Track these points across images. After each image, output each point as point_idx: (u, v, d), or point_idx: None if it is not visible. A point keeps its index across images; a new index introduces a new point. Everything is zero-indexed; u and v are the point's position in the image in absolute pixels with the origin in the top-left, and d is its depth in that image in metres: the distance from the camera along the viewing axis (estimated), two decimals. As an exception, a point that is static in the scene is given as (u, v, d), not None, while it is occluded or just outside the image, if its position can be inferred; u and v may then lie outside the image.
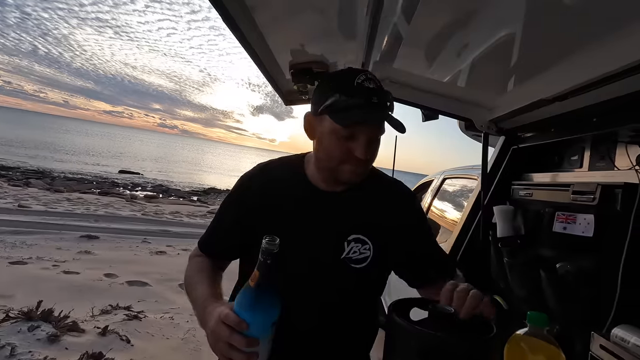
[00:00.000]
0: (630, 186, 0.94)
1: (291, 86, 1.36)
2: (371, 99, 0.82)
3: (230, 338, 0.68)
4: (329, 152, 0.88)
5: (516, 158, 1.63)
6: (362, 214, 0.96)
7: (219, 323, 0.70)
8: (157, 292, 4.38)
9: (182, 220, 9.82)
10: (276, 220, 0.94)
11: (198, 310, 0.84)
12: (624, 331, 0.77)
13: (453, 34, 1.04)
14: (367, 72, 0.86)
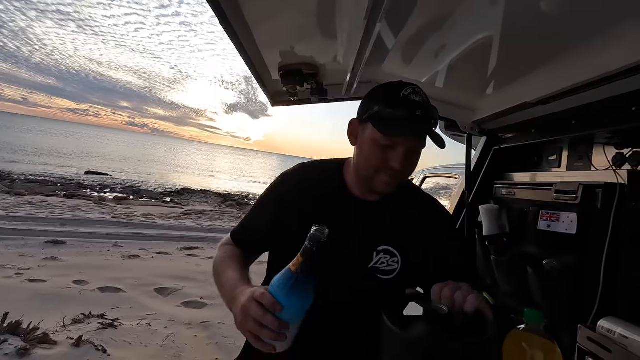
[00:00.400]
0: (610, 186, 1.00)
1: (280, 87, 1.34)
2: (415, 112, 0.84)
3: (262, 317, 0.69)
4: (368, 159, 0.90)
5: (498, 158, 1.69)
6: (394, 227, 0.95)
7: (251, 301, 0.71)
8: (131, 298, 4.22)
9: (155, 222, 9.51)
10: (309, 221, 0.94)
11: (227, 291, 0.86)
12: (610, 323, 0.81)
13: (442, 39, 1.07)
14: (415, 86, 0.87)
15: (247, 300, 0.72)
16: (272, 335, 0.70)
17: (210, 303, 4.34)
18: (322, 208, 0.97)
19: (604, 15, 0.79)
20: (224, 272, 0.94)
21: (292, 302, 0.70)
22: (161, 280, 4.98)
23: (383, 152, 0.87)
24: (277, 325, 0.69)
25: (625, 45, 0.81)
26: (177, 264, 6.02)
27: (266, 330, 0.69)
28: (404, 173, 0.90)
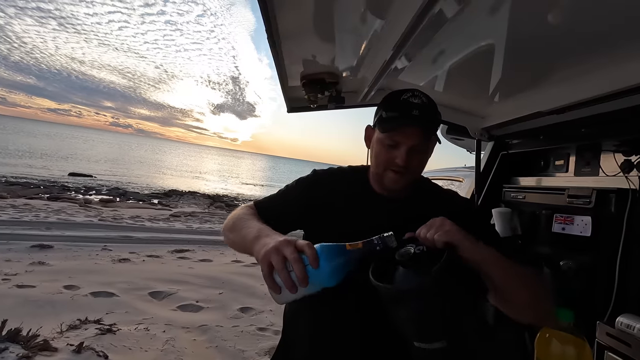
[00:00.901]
0: (622, 191, 1.07)
1: (299, 94, 1.37)
2: (411, 111, 0.92)
3: (294, 259, 0.70)
4: (376, 158, 1.00)
5: (505, 163, 1.76)
6: (415, 219, 0.97)
7: (291, 243, 0.72)
8: (126, 303, 4.15)
9: (144, 224, 9.35)
10: (339, 216, 1.03)
11: (252, 234, 0.86)
12: (628, 319, 0.87)
13: (460, 52, 1.14)
14: (415, 90, 0.97)
15: (286, 241, 0.73)
16: (288, 280, 0.69)
17: (207, 306, 4.31)
18: (351, 205, 1.04)
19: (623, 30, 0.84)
20: (247, 222, 0.96)
21: (325, 271, 0.72)
22: (154, 283, 4.91)
23: (388, 151, 0.96)
24: (302, 274, 0.69)
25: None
26: (169, 267, 5.94)
27: (285, 272, 0.70)
28: (409, 170, 0.96)
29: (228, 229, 1.04)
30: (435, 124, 0.99)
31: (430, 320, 0.73)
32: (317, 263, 0.70)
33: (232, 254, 7.15)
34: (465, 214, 1.02)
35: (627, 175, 1.10)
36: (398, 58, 1.07)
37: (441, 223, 0.83)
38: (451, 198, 1.10)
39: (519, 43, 1.02)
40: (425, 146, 0.98)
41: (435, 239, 0.80)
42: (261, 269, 0.73)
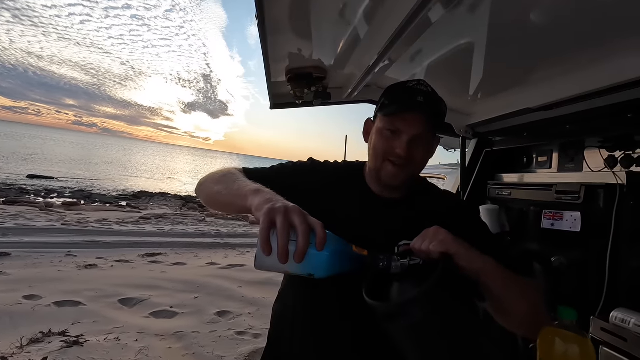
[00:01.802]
0: (610, 186, 1.09)
1: (285, 89, 1.31)
2: (416, 98, 0.87)
3: (304, 230, 0.63)
4: (375, 148, 0.94)
5: (489, 159, 1.77)
6: (416, 222, 0.94)
7: (303, 213, 0.66)
8: (94, 312, 3.92)
9: (111, 228, 8.91)
10: (328, 212, 0.93)
11: (250, 187, 0.78)
12: (623, 313, 0.88)
13: (447, 50, 1.12)
14: (422, 81, 0.92)
15: (299, 209, 0.66)
16: (285, 248, 0.62)
17: (182, 312, 4.15)
18: (345, 202, 0.98)
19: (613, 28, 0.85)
20: (244, 177, 0.88)
21: (323, 259, 0.67)
22: (124, 290, 4.67)
23: (388, 141, 0.91)
24: (304, 249, 0.62)
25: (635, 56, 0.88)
26: (140, 272, 5.68)
27: (286, 238, 0.62)
28: (410, 162, 0.91)
29: (212, 180, 0.94)
30: (440, 116, 0.93)
31: (431, 335, 0.69)
32: (323, 246, 0.65)
33: (207, 256, 6.96)
34: (463, 216, 1.00)
35: (614, 170, 1.12)
36: (386, 55, 1.03)
37: (435, 232, 0.79)
38: (449, 199, 1.07)
39: (505, 41, 1.02)
40: (427, 138, 0.92)
41: (431, 249, 0.76)
42: (261, 222, 0.64)
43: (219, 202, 0.93)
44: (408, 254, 0.81)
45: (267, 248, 0.63)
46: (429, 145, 0.95)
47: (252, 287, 5.13)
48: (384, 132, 0.92)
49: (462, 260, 0.76)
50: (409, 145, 0.89)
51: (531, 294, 0.83)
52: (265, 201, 0.69)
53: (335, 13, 0.94)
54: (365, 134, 1.03)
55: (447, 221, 0.94)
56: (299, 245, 0.62)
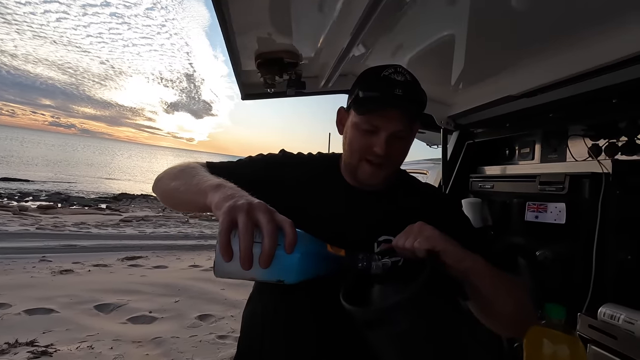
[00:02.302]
0: (596, 175, 1.04)
1: (255, 78, 1.22)
2: (394, 90, 0.78)
3: (271, 230, 0.54)
4: (351, 145, 0.86)
5: (470, 152, 1.73)
6: (395, 216, 0.88)
7: (270, 211, 0.57)
8: (67, 319, 3.74)
9: (89, 231, 8.63)
10: (303, 208, 0.86)
11: (211, 182, 0.69)
12: (612, 309, 0.83)
13: (424, 33, 1.06)
14: (399, 66, 0.83)
15: (265, 206, 0.58)
16: (248, 252, 0.53)
17: (161, 316, 4.00)
18: (320, 197, 0.91)
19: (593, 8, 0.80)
20: (206, 171, 0.80)
21: (294, 262, 0.59)
22: (101, 295, 4.49)
23: (365, 138, 0.83)
24: (270, 252, 0.53)
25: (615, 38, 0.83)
26: (119, 276, 5.48)
27: (249, 240, 0.53)
28: (389, 160, 0.85)
29: (170, 176, 0.85)
30: (421, 105, 0.85)
31: (416, 342, 0.62)
32: (292, 248, 0.56)
33: (189, 258, 6.80)
34: (446, 211, 0.94)
35: (598, 159, 1.08)
36: (359, 39, 0.97)
37: (420, 229, 0.72)
38: (432, 192, 1.01)
39: (485, 27, 0.97)
40: (408, 132, 0.85)
41: (415, 247, 0.69)
42: (220, 222, 0.55)
43: (176, 199, 0.83)
44: (389, 252, 0.74)
45: (227, 252, 0.53)
46: (409, 137, 0.88)
47: (236, 289, 5.01)
48: (360, 128, 0.84)
49: (449, 259, 0.70)
50: (388, 142, 0.82)
51: (518, 293, 0.78)
52: (226, 198, 0.60)
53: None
54: (338, 123, 0.95)
55: (429, 215, 0.88)
56: (264, 248, 0.54)
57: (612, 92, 0.97)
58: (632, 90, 0.93)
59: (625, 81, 0.93)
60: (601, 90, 0.99)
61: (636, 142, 1.06)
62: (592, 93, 1.01)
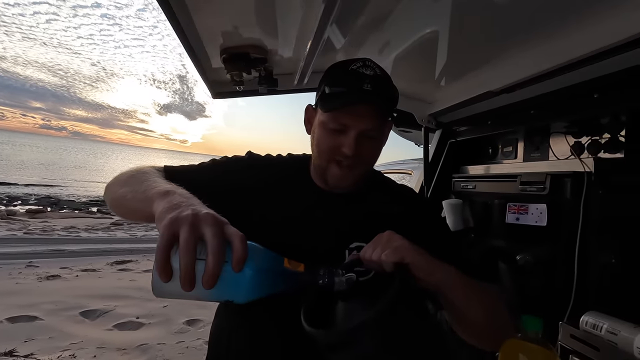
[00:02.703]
0: (578, 174, 1.00)
1: (222, 76, 1.16)
2: (362, 85, 0.73)
3: (216, 247, 0.47)
4: (319, 145, 0.81)
5: (453, 151, 1.68)
6: (368, 221, 0.83)
7: (218, 223, 0.51)
8: (50, 326, 3.65)
9: (79, 236, 8.51)
10: (269, 214, 0.83)
11: (159, 188, 0.63)
12: (594, 318, 0.78)
13: (398, 27, 1.01)
14: (367, 60, 0.78)
15: (214, 217, 0.51)
16: (190, 272, 0.47)
17: (148, 322, 3.92)
18: (288, 201, 0.86)
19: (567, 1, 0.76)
20: (159, 177, 0.74)
21: (245, 281, 0.52)
22: (88, 301, 4.40)
23: (333, 137, 0.78)
24: (214, 272, 0.47)
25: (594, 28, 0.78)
26: (107, 281, 5.39)
27: (191, 258, 0.47)
28: (359, 161, 0.80)
29: (120, 181, 0.78)
30: (392, 101, 0.80)
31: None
32: (241, 266, 0.50)
33: (180, 261, 6.72)
34: (422, 214, 0.89)
35: (581, 157, 1.03)
36: (325, 34, 0.90)
37: (388, 239, 0.66)
38: (407, 195, 0.95)
39: (463, 21, 0.93)
40: (379, 130, 0.80)
41: (383, 259, 0.63)
42: (159, 236, 0.49)
43: (123, 208, 0.76)
44: (357, 264, 0.68)
45: (164, 271, 0.47)
46: (381, 136, 0.83)
47: (226, 292, 4.94)
48: (327, 127, 0.78)
49: (419, 271, 0.64)
50: (358, 141, 0.77)
51: (493, 303, 0.73)
52: (170, 207, 0.53)
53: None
54: (306, 122, 0.89)
55: (404, 219, 0.84)
56: (207, 266, 0.47)
57: (592, 86, 0.92)
58: (613, 84, 0.88)
59: (606, 74, 0.88)
60: (581, 85, 0.94)
61: (619, 139, 1.01)
62: (573, 88, 0.96)
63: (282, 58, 1.18)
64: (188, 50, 0.98)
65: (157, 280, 0.49)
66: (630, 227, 0.89)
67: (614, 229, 0.91)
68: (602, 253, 0.89)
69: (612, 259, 0.87)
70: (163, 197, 0.59)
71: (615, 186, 0.91)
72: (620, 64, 0.83)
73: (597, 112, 0.96)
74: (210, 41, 1.05)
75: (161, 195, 0.59)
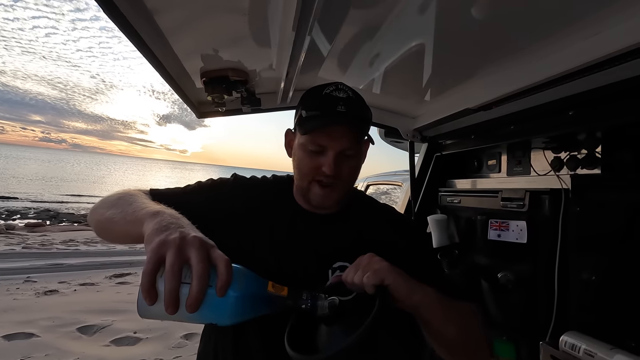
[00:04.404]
0: (555, 191, 1.00)
1: (204, 96, 1.17)
2: (335, 107, 0.77)
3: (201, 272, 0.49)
4: (299, 167, 0.84)
5: (439, 165, 1.68)
6: (351, 241, 0.86)
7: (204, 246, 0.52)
8: (47, 343, 3.62)
9: (78, 249, 8.48)
10: (254, 237, 0.85)
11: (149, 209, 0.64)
12: (573, 338, 0.78)
13: (379, 45, 1.02)
14: (340, 84, 0.82)
15: (201, 241, 0.53)
16: (173, 296, 0.48)
17: (146, 337, 3.90)
18: (271, 224, 0.87)
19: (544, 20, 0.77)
20: (147, 198, 0.75)
21: (228, 305, 0.53)
22: (86, 316, 4.37)
23: (313, 159, 0.81)
24: (198, 297, 0.48)
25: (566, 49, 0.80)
26: (106, 295, 5.36)
27: (176, 282, 0.48)
28: (340, 181, 0.82)
29: (106, 204, 0.78)
30: (365, 122, 0.83)
31: None
32: (225, 290, 0.51)
33: (179, 273, 6.68)
34: (404, 235, 0.90)
35: (559, 174, 1.04)
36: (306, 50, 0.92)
37: (368, 261, 0.68)
38: (388, 214, 0.97)
39: (443, 40, 0.94)
40: (356, 149, 0.83)
41: (364, 282, 0.64)
42: (146, 259, 0.50)
43: (110, 230, 0.77)
44: (339, 286, 0.69)
45: (150, 295, 0.48)
46: (358, 155, 0.85)
47: (224, 304, 4.91)
48: (306, 149, 0.82)
49: (398, 293, 0.65)
50: (337, 161, 0.79)
51: (470, 323, 0.74)
52: (159, 229, 0.55)
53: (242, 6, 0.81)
54: (287, 146, 0.92)
55: (387, 240, 0.87)
56: (192, 291, 0.48)
57: (568, 103, 0.93)
58: (589, 100, 0.89)
59: (582, 92, 0.89)
60: (558, 102, 0.95)
61: (596, 155, 1.02)
62: (549, 105, 0.97)
63: (263, 78, 1.19)
64: (164, 75, 0.98)
65: (142, 302, 0.50)
66: (607, 244, 0.89)
67: (593, 246, 0.90)
68: (581, 271, 0.89)
69: (593, 276, 0.86)
70: (152, 217, 0.59)
71: (592, 203, 0.91)
72: (593, 82, 0.85)
73: (574, 128, 0.97)
74: (190, 63, 1.06)
75: (151, 216, 0.60)
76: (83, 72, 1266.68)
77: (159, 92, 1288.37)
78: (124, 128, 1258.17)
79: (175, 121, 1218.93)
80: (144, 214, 0.62)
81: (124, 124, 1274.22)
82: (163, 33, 0.87)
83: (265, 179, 0.99)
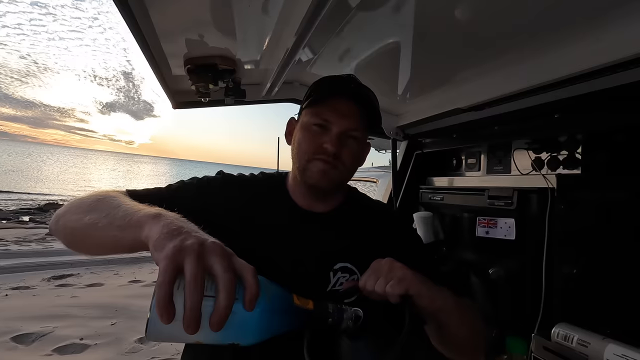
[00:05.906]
0: (542, 190, 1.05)
1: (185, 85, 1.07)
2: (348, 85, 0.81)
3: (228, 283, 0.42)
4: (300, 147, 0.82)
5: (419, 162, 1.71)
6: (350, 240, 0.83)
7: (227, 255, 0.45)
8: (-24, 357, 3.22)
9: (8, 249, 7.64)
10: (248, 237, 0.78)
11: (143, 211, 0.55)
12: (565, 329, 0.82)
13: (369, 43, 1.02)
14: (353, 75, 0.84)
15: (222, 248, 0.46)
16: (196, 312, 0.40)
17: (95, 343, 3.60)
18: (266, 222, 0.82)
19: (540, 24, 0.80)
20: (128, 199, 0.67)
21: (254, 321, 0.47)
22: (21, 324, 3.95)
23: (316, 136, 0.80)
24: (225, 313, 0.42)
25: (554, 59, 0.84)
26: (44, 299, 4.88)
27: (199, 296, 0.41)
28: (340, 161, 0.80)
29: (81, 209, 0.67)
30: (375, 111, 0.83)
31: None
32: (254, 304, 0.44)
33: (129, 273, 6.25)
34: (398, 230, 0.90)
35: (544, 173, 1.10)
36: (303, 46, 0.89)
37: (390, 268, 0.65)
38: (382, 211, 0.96)
39: (433, 39, 0.95)
40: (360, 133, 0.82)
41: (388, 292, 0.61)
42: (161, 269, 0.42)
43: (91, 238, 0.65)
44: (354, 290, 0.66)
45: (167, 312, 0.40)
46: (362, 145, 0.85)
47: (181, 304, 4.68)
48: (310, 127, 0.81)
49: (422, 301, 0.64)
50: (340, 139, 0.79)
51: (477, 321, 0.76)
52: (170, 234, 0.46)
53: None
54: (287, 134, 0.90)
55: (383, 235, 0.86)
56: (218, 306, 0.41)
57: (554, 107, 0.99)
58: (573, 106, 0.95)
59: (567, 97, 0.94)
60: (544, 106, 1.00)
61: (576, 156, 1.10)
62: (536, 108, 1.02)
63: (252, 68, 1.12)
64: (146, 53, 0.88)
65: (156, 321, 0.41)
66: (588, 240, 0.97)
67: (574, 242, 0.97)
68: (564, 265, 0.95)
69: (574, 270, 0.93)
70: (156, 220, 0.51)
71: (575, 202, 0.98)
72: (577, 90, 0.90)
73: (557, 131, 1.03)
74: (172, 46, 0.97)
75: (153, 219, 0.52)
76: (10, 52, 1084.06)
77: (102, 78, 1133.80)
78: (61, 115, 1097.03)
79: (120, 110, 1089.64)
80: (142, 216, 0.54)
81: (60, 111, 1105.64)
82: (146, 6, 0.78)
83: (254, 176, 0.94)
